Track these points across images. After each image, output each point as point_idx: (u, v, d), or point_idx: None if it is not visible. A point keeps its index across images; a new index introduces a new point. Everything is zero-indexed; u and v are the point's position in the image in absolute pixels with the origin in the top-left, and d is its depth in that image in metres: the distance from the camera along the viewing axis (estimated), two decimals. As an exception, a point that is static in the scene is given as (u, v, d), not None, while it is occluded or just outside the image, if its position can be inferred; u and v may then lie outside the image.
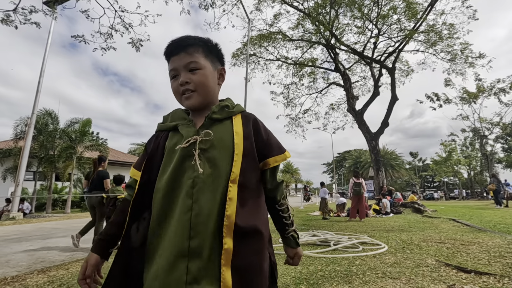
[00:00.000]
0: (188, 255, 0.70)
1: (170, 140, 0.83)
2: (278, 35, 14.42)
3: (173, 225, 0.73)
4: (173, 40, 0.87)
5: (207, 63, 0.87)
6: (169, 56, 0.87)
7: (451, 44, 12.63)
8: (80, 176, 18.15)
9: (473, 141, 33.47)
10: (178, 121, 0.86)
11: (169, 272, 0.69)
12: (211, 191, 0.74)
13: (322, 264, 3.29)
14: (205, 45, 0.88)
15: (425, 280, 2.66)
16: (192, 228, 0.71)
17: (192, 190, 0.74)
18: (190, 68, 0.84)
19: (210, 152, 0.78)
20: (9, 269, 3.47)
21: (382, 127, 13.76)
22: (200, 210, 0.73)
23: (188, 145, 0.78)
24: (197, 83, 0.84)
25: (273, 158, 0.87)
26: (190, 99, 0.85)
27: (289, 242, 0.95)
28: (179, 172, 0.77)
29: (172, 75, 0.87)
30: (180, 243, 0.71)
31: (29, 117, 12.31)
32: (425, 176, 55.11)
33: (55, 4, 6.38)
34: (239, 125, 0.85)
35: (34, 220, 10.52)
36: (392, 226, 6.77)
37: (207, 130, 0.80)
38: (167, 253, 0.71)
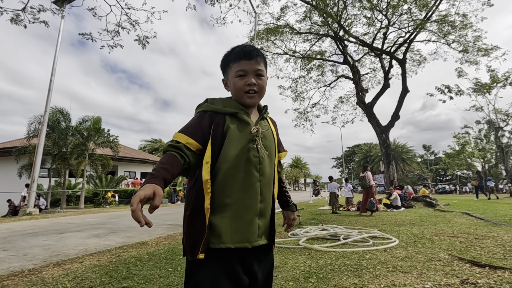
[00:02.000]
0: (259, 215, 0.97)
1: (230, 122, 1.00)
2: (285, 28, 14.24)
3: (246, 191, 0.95)
4: (246, 47, 1.06)
5: (266, 73, 1.10)
6: (240, 59, 1.04)
7: (463, 34, 12.22)
8: (92, 172, 18.56)
9: (488, 133, 32.50)
10: (236, 109, 1.03)
11: (248, 227, 0.93)
12: (269, 168, 1.03)
13: (332, 258, 3.28)
14: (264, 59, 1.11)
15: (438, 274, 2.62)
16: (261, 194, 0.98)
17: (259, 166, 0.98)
18: (257, 73, 1.05)
19: (264, 140, 1.03)
20: (26, 262, 3.58)
21: (393, 120, 13.50)
22: (265, 181, 1.00)
23: (255, 131, 1.00)
24: (260, 87, 1.06)
25: (282, 153, 1.22)
26: (253, 98, 1.06)
27: (292, 208, 1.28)
28: (246, 151, 0.97)
29: (240, 74, 1.04)
30: (254, 205, 0.96)
31: (42, 115, 12.61)
32: (437, 170, 54.05)
33: (63, 3, 6.45)
34: (271, 124, 1.14)
35: (49, 215, 10.84)
36: (403, 220, 6.68)
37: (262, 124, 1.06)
38: (248, 212, 0.94)
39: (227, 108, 1.03)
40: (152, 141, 44.24)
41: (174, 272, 2.87)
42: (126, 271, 3.01)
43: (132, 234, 5.62)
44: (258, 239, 0.94)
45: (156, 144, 42.87)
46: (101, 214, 10.77)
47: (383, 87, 14.03)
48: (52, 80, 12.13)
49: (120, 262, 3.38)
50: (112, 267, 3.16)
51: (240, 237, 0.91)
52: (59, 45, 12.36)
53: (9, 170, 17.00)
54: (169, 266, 3.10)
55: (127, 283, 2.63)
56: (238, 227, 0.92)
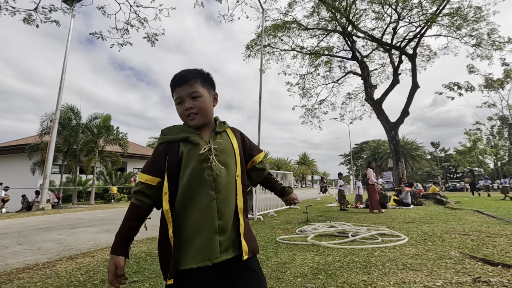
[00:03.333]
0: (219, 232, 0.96)
1: (184, 148, 1.02)
2: (293, 24, 14.10)
3: (202, 211, 0.96)
4: (177, 75, 1.10)
5: (205, 91, 1.10)
6: (174, 88, 1.09)
7: (476, 28, 11.89)
8: (102, 169, 18.89)
9: (501, 129, 31.72)
10: (187, 134, 1.05)
11: (206, 246, 0.94)
12: (227, 184, 1.02)
13: (340, 255, 3.27)
14: (201, 77, 1.11)
15: (448, 272, 2.58)
16: (218, 211, 0.97)
17: (213, 184, 0.99)
18: (192, 96, 1.07)
19: (220, 156, 1.04)
20: (40, 255, 3.69)
21: (402, 117, 13.28)
22: (222, 198, 0.99)
23: (205, 151, 1.00)
24: (199, 108, 1.07)
25: (257, 156, 1.24)
26: (194, 120, 1.08)
27: (288, 191, 1.37)
28: (199, 172, 0.99)
29: (178, 102, 1.09)
30: (212, 224, 0.96)
31: (53, 113, 12.85)
32: (448, 167, 53.09)
33: (73, 2, 6.54)
34: (232, 136, 1.14)
35: (61, 211, 11.09)
36: (413, 218, 6.60)
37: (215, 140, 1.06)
38: (204, 231, 0.95)
39: (179, 134, 1.06)
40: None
41: (184, 267, 2.91)
42: (136, 265, 3.07)
43: (141, 230, 5.70)
44: (220, 255, 0.94)
45: (164, 141, 43.22)
46: (111, 210, 10.98)
47: (392, 83, 13.80)
48: (62, 79, 12.34)
49: (130, 257, 3.44)
50: (123, 262, 3.22)
51: (201, 257, 0.92)
52: (69, 44, 12.55)
53: (22, 167, 17.44)
54: (179, 261, 3.14)
55: (138, 277, 2.68)
56: (198, 247, 0.94)
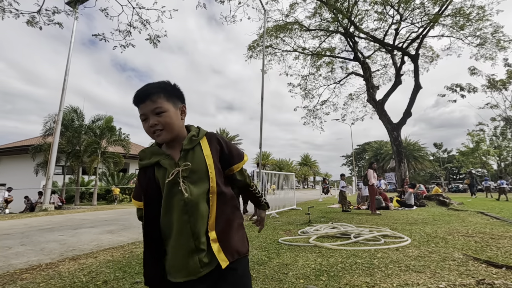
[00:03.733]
0: (196, 251, 0.98)
1: (158, 172, 1.04)
2: (295, 25, 14.11)
3: (179, 234, 0.98)
4: (138, 91, 1.06)
5: (169, 105, 1.06)
6: (137, 104, 1.06)
7: (480, 28, 11.84)
8: (105, 170, 18.96)
9: (504, 130, 31.50)
10: (157, 157, 1.05)
11: (188, 264, 0.97)
12: (199, 205, 1.00)
13: (343, 257, 3.26)
14: (165, 90, 1.06)
15: (452, 274, 2.57)
16: (193, 233, 0.98)
17: (186, 208, 0.99)
18: (156, 112, 1.03)
19: (191, 177, 1.02)
20: (44, 256, 3.70)
21: (405, 117, 13.24)
22: (195, 220, 0.99)
23: (173, 176, 0.99)
24: (164, 124, 1.03)
25: (236, 165, 1.16)
26: (160, 136, 1.05)
27: (263, 207, 1.35)
28: (170, 197, 1.00)
29: (143, 119, 1.06)
30: (189, 245, 0.98)
31: (56, 114, 12.93)
32: (451, 168, 52.78)
33: (76, 4, 6.58)
34: (206, 147, 1.08)
35: (64, 212, 11.14)
36: (415, 219, 6.56)
37: (185, 161, 1.02)
38: (181, 253, 0.98)
39: (151, 159, 1.06)
40: (162, 139, 44.73)
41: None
42: (139, 266, 3.07)
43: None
44: (202, 269, 0.97)
45: (166, 142, 43.33)
46: (113, 211, 11.01)
47: (394, 83, 13.77)
48: (66, 80, 12.41)
49: (133, 258, 3.45)
50: (125, 263, 3.23)
51: (184, 273, 0.97)
52: (72, 45, 12.63)
53: (26, 167, 17.55)
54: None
55: (140, 278, 2.68)
56: (180, 266, 0.98)
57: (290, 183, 11.17)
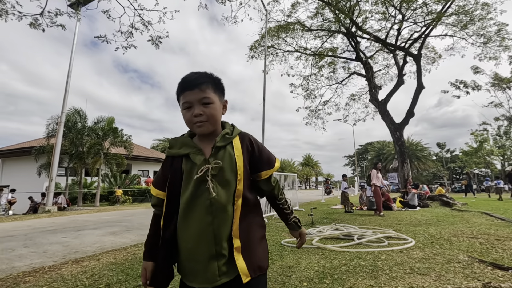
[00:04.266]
0: (216, 257, 0.92)
1: (185, 165, 1.00)
2: (296, 25, 14.10)
3: (200, 236, 0.93)
4: (188, 78, 1.02)
5: (216, 98, 1.03)
6: (183, 91, 1.02)
7: (483, 26, 11.77)
8: (107, 171, 19.01)
9: (508, 130, 31.28)
10: (188, 149, 1.02)
11: (205, 271, 0.91)
12: (224, 207, 0.94)
13: (346, 259, 3.23)
14: (214, 82, 1.04)
15: (457, 277, 2.54)
16: (215, 237, 0.92)
17: (211, 209, 0.93)
18: (203, 102, 1.00)
19: (220, 175, 0.97)
20: (46, 258, 3.70)
21: (407, 117, 13.17)
22: (219, 223, 0.93)
23: (202, 173, 0.95)
24: (209, 115, 1.00)
25: (265, 172, 1.08)
26: (202, 128, 1.01)
27: (292, 227, 1.19)
28: (196, 195, 0.95)
29: (186, 106, 1.02)
30: (209, 250, 0.92)
31: (59, 115, 12.98)
32: (454, 168, 52.47)
33: (79, 6, 6.60)
34: (238, 148, 1.03)
35: (67, 213, 11.17)
36: (419, 220, 6.52)
37: (215, 158, 0.98)
38: (201, 257, 0.92)
39: (181, 150, 1.03)
40: (164, 140, 44.87)
41: (189, 271, 2.89)
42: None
43: (146, 232, 5.70)
44: (219, 278, 0.91)
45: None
46: (116, 212, 11.02)
47: (397, 83, 13.71)
48: (68, 82, 12.46)
49: (135, 260, 3.44)
50: (128, 265, 3.22)
51: (200, 279, 0.92)
52: (74, 47, 12.68)
53: (29, 169, 17.63)
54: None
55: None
56: (196, 271, 0.93)
57: (292, 184, 11.14)
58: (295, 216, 1.18)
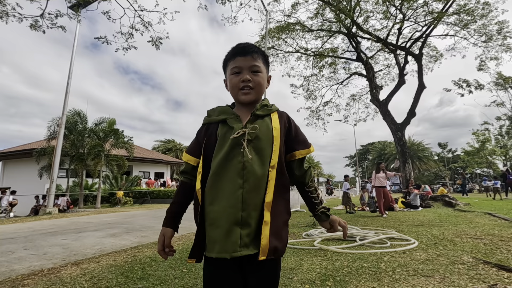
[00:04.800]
0: (241, 224, 0.89)
1: (221, 130, 1.01)
2: (297, 26, 14.09)
3: (227, 199, 0.91)
4: (242, 44, 1.05)
5: (264, 69, 1.06)
6: (235, 56, 1.04)
7: (486, 25, 11.72)
8: (108, 173, 19.01)
9: (510, 129, 31.15)
10: (225, 115, 1.03)
11: (226, 237, 0.88)
12: (257, 174, 0.93)
13: (349, 260, 3.19)
14: (263, 55, 1.08)
15: (462, 278, 2.49)
16: (243, 202, 0.90)
17: (242, 172, 0.93)
18: (253, 69, 1.03)
19: (255, 142, 0.97)
20: (46, 261, 3.68)
21: (409, 118, 13.13)
22: (249, 188, 0.92)
23: (238, 135, 0.95)
24: (256, 83, 1.03)
25: (299, 152, 1.06)
26: (248, 95, 1.03)
27: (320, 217, 1.12)
28: (230, 157, 0.95)
29: (235, 71, 1.04)
30: (234, 214, 0.90)
31: (60, 117, 12.99)
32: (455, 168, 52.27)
33: (79, 7, 6.60)
34: (276, 121, 1.04)
35: (68, 215, 11.16)
36: (422, 221, 6.46)
37: (253, 124, 0.98)
38: (223, 221, 0.89)
39: (219, 116, 1.04)
40: (165, 141, 44.90)
41: (189, 273, 2.86)
42: (141, 271, 3.03)
43: (147, 234, 5.69)
44: (240, 249, 0.88)
45: (169, 144, 43.45)
46: (117, 214, 11.00)
47: (398, 83, 13.67)
48: (69, 84, 12.48)
49: (135, 262, 3.41)
50: (127, 267, 3.19)
51: (219, 247, 0.89)
52: (75, 49, 12.70)
53: (30, 171, 17.64)
54: (184, 267, 3.09)
55: (142, 283, 2.64)
56: (217, 237, 0.90)
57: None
58: (324, 207, 1.13)
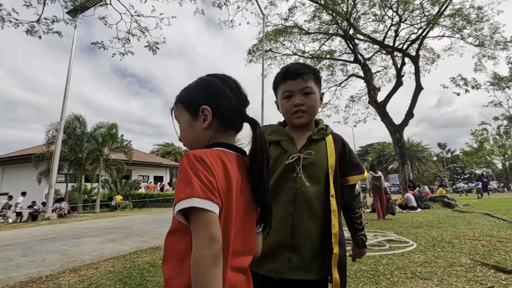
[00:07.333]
0: (290, 248, 0.90)
1: (273, 152, 0.98)
2: (294, 29, 14.15)
3: (277, 224, 0.88)
4: (291, 67, 1.02)
5: (316, 89, 1.02)
6: (285, 80, 1.01)
7: (479, 28, 11.81)
8: (107, 177, 18.97)
9: (508, 129, 31.28)
10: (279, 137, 1.01)
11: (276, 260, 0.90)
12: (311, 201, 0.92)
13: (347, 264, 3.19)
14: (315, 74, 1.03)
15: (460, 281, 2.50)
16: (293, 228, 0.90)
17: (294, 199, 0.91)
18: (304, 92, 0.99)
19: (309, 168, 0.94)
20: (44, 268, 3.66)
21: (407, 119, 13.15)
22: (300, 215, 0.91)
23: (293, 161, 0.93)
24: (309, 106, 0.99)
25: (353, 177, 1.04)
26: (301, 118, 1.00)
27: (357, 243, 1.13)
28: (281, 182, 0.93)
29: (286, 95, 1.01)
30: (283, 240, 0.90)
31: (58, 122, 12.99)
32: (455, 168, 52.38)
33: (77, 13, 6.63)
34: (331, 146, 1.00)
35: (67, 220, 11.12)
36: (420, 222, 6.47)
37: (308, 149, 0.96)
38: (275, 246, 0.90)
39: (271, 136, 1.01)
40: (164, 145, 44.84)
41: (187, 279, 2.85)
42: (139, 277, 3.02)
43: (145, 239, 5.68)
44: (288, 272, 0.89)
45: (168, 148, 43.40)
46: (116, 218, 10.97)
47: (395, 85, 13.71)
48: (67, 88, 12.49)
49: (134, 268, 3.40)
50: (126, 274, 3.18)
51: (268, 267, 0.91)
52: (73, 54, 12.72)
53: (29, 176, 17.59)
54: (182, 272, 3.09)
55: (141, 290, 2.63)
56: (266, 257, 0.90)
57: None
58: (364, 234, 1.13)
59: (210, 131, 0.74)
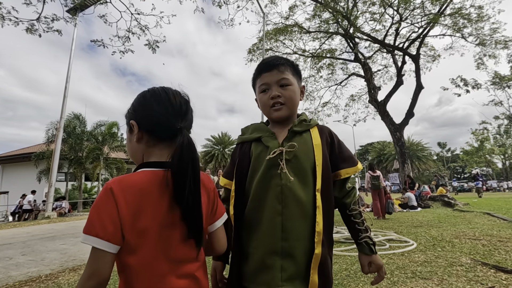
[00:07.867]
0: (281, 255, 0.81)
1: (254, 149, 0.93)
2: (294, 27, 14.12)
3: (265, 226, 0.83)
4: (266, 59, 0.98)
5: (294, 81, 0.97)
6: (261, 72, 0.97)
7: (480, 27, 11.77)
8: (108, 176, 18.98)
9: (508, 128, 31.27)
10: (260, 133, 0.95)
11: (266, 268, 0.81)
12: (299, 198, 0.84)
13: (347, 263, 3.18)
14: (292, 65, 0.99)
15: (460, 281, 2.49)
16: (283, 230, 0.82)
17: (281, 197, 0.84)
18: (281, 83, 0.94)
19: (294, 162, 0.87)
20: (44, 267, 3.66)
21: (407, 118, 13.14)
22: (291, 215, 0.83)
23: (275, 155, 0.86)
24: (287, 97, 0.93)
25: (345, 170, 0.95)
26: (280, 111, 0.94)
27: (362, 248, 0.94)
28: (266, 180, 0.87)
29: (263, 89, 0.96)
30: (273, 243, 0.81)
31: (58, 121, 12.98)
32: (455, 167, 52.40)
33: (76, 11, 6.61)
34: (316, 137, 0.93)
35: (67, 219, 11.13)
36: (421, 221, 6.46)
37: (290, 142, 0.89)
38: (262, 250, 0.82)
39: (252, 134, 0.97)
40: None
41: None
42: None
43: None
44: (282, 283, 0.78)
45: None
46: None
47: (396, 84, 13.69)
48: (67, 87, 12.47)
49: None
50: (125, 272, 3.18)
51: (259, 279, 0.81)
52: (73, 52, 12.70)
53: (29, 175, 17.61)
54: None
55: None
56: (256, 267, 0.83)
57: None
58: (369, 236, 0.93)
59: (141, 144, 0.77)
